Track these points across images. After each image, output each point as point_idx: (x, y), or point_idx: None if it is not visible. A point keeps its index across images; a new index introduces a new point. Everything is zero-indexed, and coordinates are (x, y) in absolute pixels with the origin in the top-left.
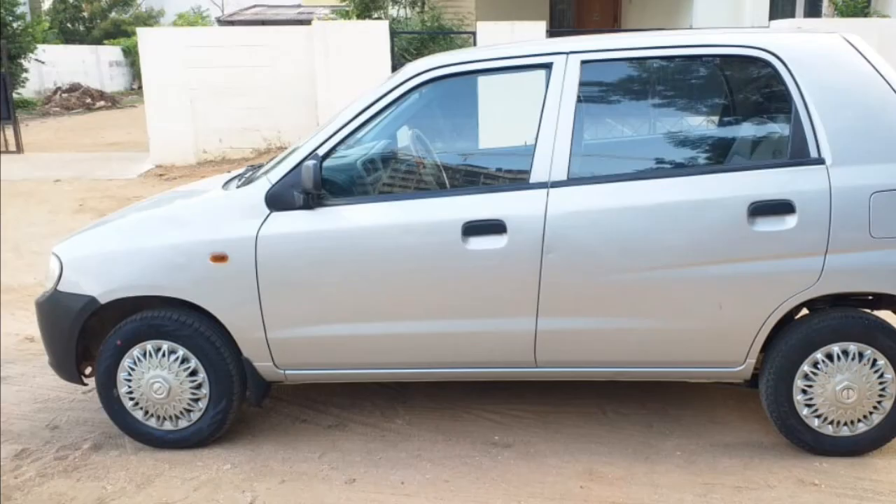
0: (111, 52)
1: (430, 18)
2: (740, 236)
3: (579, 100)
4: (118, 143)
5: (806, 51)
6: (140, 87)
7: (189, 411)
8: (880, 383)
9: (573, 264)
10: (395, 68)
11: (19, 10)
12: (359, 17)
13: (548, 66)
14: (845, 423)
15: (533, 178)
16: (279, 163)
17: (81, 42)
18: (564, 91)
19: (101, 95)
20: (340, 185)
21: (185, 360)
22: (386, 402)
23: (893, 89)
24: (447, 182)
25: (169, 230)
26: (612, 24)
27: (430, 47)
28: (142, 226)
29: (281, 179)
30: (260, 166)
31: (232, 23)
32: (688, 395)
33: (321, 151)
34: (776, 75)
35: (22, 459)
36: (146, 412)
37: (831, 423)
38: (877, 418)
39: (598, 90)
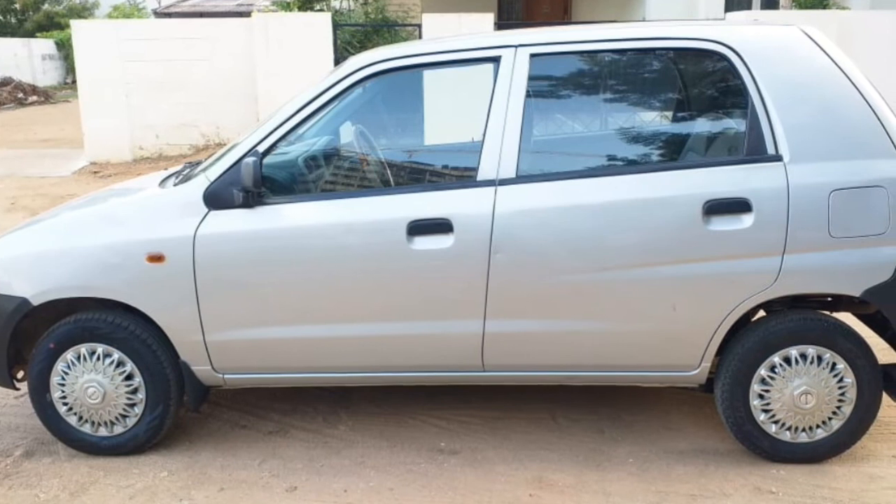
0: (44, 45)
1: (373, 10)
2: (695, 236)
3: (528, 95)
4: (51, 140)
5: (763, 44)
6: (74, 82)
7: (125, 417)
8: (840, 388)
9: (522, 265)
10: (337, 62)
11: None
12: (300, 9)
13: (496, 60)
14: (803, 429)
15: (480, 176)
16: (218, 160)
17: (13, 35)
18: (513, 86)
19: (34, 90)
20: (281, 182)
21: (120, 363)
22: (328, 408)
23: (853, 84)
24: (391, 180)
25: (103, 229)
26: (563, 16)
27: (374, 40)
28: (75, 225)
29: (220, 177)
30: (198, 163)
31: (169, 15)
32: (641, 401)
33: (261, 148)
34: (732, 69)
35: None
36: (80, 418)
37: (789, 428)
38: (836, 424)
39: (548, 85)
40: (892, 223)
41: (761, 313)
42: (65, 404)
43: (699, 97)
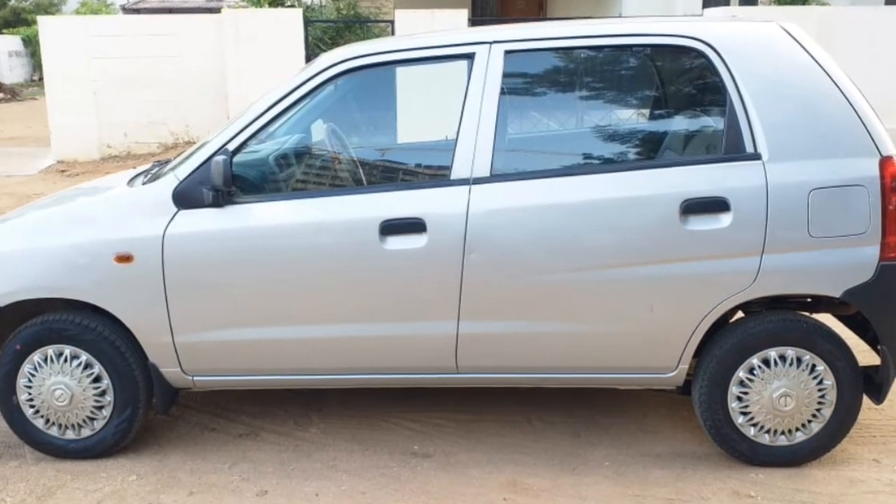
0: (10, 41)
1: (345, 6)
2: (672, 235)
3: (503, 92)
4: (18, 138)
5: (741, 40)
6: (41, 79)
7: (92, 419)
8: (819, 390)
9: (496, 265)
10: (309, 59)
11: None
12: (271, 4)
13: (469, 57)
14: (783, 432)
15: (454, 175)
16: (187, 158)
17: None
18: (487, 83)
19: (0, 87)
20: (252, 181)
21: (88, 365)
22: (299, 410)
23: (833, 81)
24: (364, 178)
25: (71, 229)
26: (538, 12)
27: (345, 37)
28: (42, 225)
29: (189, 176)
30: (167, 162)
31: (138, 11)
32: (617, 403)
33: (231, 146)
34: (710, 66)
35: None
36: (47, 420)
37: (768, 431)
38: (816, 427)
39: (523, 82)
40: (872, 223)
41: (740, 314)
42: (32, 407)
43: (677, 95)
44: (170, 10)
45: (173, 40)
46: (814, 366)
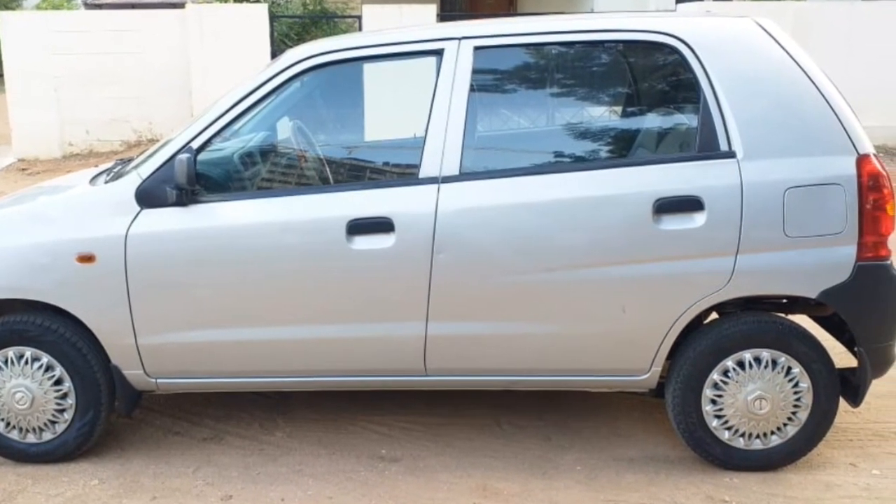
0: None
1: (312, 1)
2: (645, 235)
3: (472, 89)
4: None
5: (715, 36)
6: (2, 76)
7: (54, 423)
8: (795, 393)
9: (465, 265)
10: (274, 55)
11: None
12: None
13: (438, 53)
14: (758, 436)
15: (423, 173)
16: (150, 156)
17: None
18: (456, 80)
19: None
20: (216, 180)
21: (49, 367)
22: (265, 414)
23: (809, 78)
24: (330, 177)
25: (32, 228)
26: (508, 7)
27: (312, 32)
28: (3, 224)
29: (152, 174)
30: (130, 160)
31: (100, 6)
32: (589, 406)
33: (195, 144)
34: (683, 63)
35: None
36: (8, 424)
37: (743, 435)
38: (791, 430)
39: (493, 79)
40: (849, 222)
41: (714, 315)
42: None
43: (650, 92)
44: (132, 6)
45: (136, 36)
46: (789, 368)
